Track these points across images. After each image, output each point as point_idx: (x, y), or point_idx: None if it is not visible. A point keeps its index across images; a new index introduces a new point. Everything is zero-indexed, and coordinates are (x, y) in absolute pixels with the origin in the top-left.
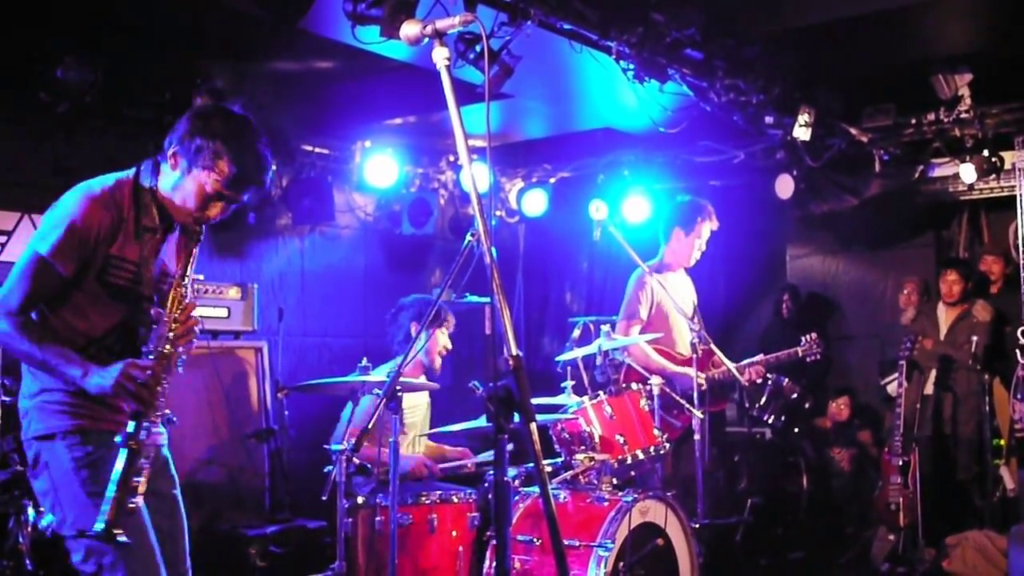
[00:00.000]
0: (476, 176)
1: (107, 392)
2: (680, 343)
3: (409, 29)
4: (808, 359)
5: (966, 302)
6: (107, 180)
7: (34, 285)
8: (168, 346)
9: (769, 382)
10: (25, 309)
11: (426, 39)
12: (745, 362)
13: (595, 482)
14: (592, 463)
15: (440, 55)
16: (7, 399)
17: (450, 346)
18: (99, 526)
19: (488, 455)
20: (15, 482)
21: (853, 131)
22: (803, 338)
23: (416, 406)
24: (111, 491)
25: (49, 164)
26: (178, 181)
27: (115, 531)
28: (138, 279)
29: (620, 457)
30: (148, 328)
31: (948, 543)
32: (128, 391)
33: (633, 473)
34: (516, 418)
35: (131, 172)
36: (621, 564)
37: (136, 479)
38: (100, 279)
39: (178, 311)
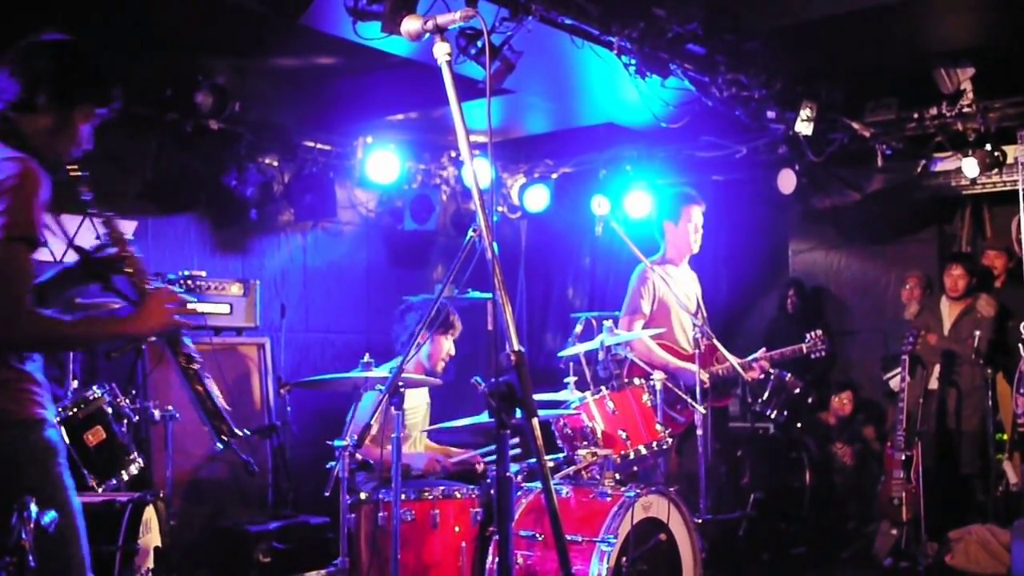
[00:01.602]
0: (477, 172)
1: (169, 328)
2: (683, 338)
3: (410, 24)
4: (813, 356)
5: (970, 297)
6: None
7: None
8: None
9: (772, 377)
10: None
11: (427, 34)
12: (750, 358)
13: (597, 477)
14: (594, 458)
15: (441, 51)
16: None
17: (454, 352)
18: (219, 445)
19: (492, 449)
20: None
21: (855, 126)
22: (808, 335)
23: (416, 407)
24: (206, 414)
25: None
26: (58, 126)
27: (233, 434)
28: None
29: (622, 452)
30: None
31: (951, 537)
32: (178, 319)
33: (636, 468)
34: (518, 414)
35: None
36: (624, 559)
37: (211, 388)
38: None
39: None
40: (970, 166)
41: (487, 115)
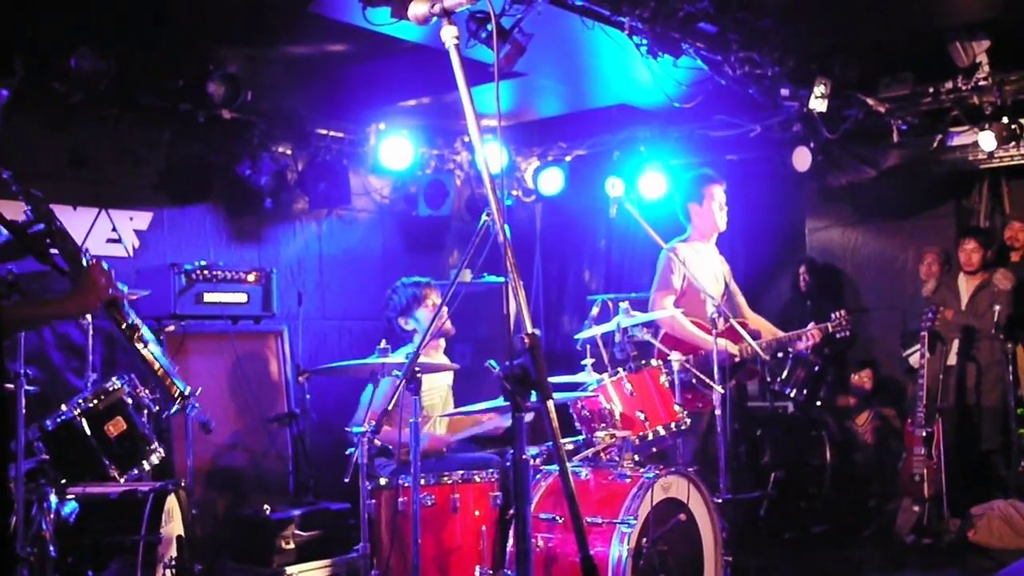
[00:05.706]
0: (489, 156)
1: (105, 301)
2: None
3: (417, 8)
4: (838, 335)
5: (986, 271)
6: None
7: None
8: None
9: (790, 357)
10: None
11: (434, 18)
12: (792, 333)
13: (616, 459)
14: (613, 440)
15: (448, 34)
16: (31, 388)
17: (444, 318)
18: (174, 408)
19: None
20: (41, 470)
21: (870, 101)
22: (833, 314)
23: (432, 389)
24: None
25: (65, 154)
26: None
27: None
28: None
29: (641, 434)
30: None
31: (973, 513)
32: (113, 291)
33: (654, 449)
34: (533, 396)
35: None
36: (644, 540)
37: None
38: None
39: None
40: (987, 140)
41: (496, 99)
